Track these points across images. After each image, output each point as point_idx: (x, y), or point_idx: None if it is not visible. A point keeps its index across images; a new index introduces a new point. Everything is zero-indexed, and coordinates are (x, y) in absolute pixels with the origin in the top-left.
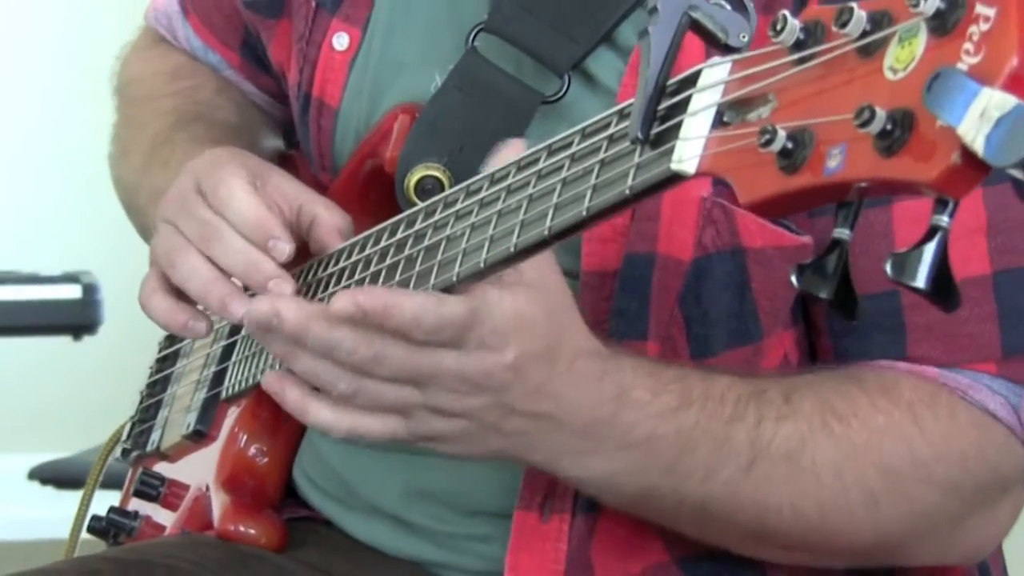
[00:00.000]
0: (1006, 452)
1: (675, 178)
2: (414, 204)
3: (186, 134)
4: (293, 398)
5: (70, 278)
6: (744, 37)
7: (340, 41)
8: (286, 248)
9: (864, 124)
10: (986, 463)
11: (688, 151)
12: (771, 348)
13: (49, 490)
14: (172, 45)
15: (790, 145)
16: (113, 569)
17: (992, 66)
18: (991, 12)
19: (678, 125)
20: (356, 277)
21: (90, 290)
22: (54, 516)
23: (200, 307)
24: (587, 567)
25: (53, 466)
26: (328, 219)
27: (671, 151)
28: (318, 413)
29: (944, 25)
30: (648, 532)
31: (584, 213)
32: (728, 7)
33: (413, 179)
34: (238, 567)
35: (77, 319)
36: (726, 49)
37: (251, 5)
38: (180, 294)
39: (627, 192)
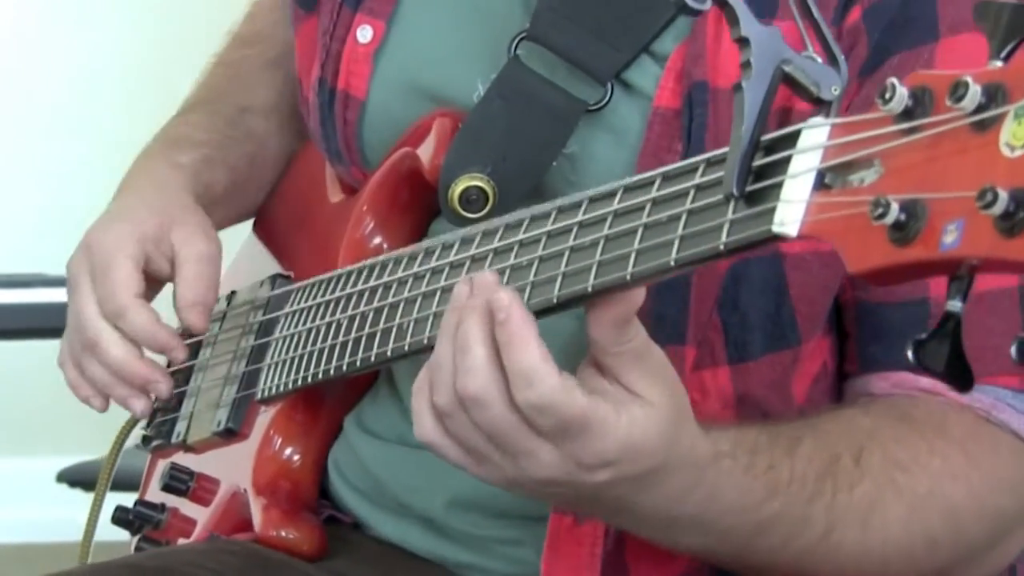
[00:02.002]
0: None
1: (773, 238)
2: (458, 214)
3: (171, 125)
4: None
5: None
6: (836, 90)
7: (364, 34)
8: (180, 356)
9: (987, 206)
10: (1021, 489)
11: (790, 214)
12: (810, 354)
13: (77, 492)
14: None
15: (903, 217)
16: None
17: None
18: None
19: (777, 186)
20: (362, 308)
21: None
22: (82, 518)
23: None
24: (623, 571)
25: (81, 468)
26: (182, 295)
27: (771, 212)
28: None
29: None
30: None
31: (672, 263)
32: (819, 60)
33: (457, 189)
34: (260, 575)
35: None
36: (818, 102)
37: None
38: None
39: (721, 248)
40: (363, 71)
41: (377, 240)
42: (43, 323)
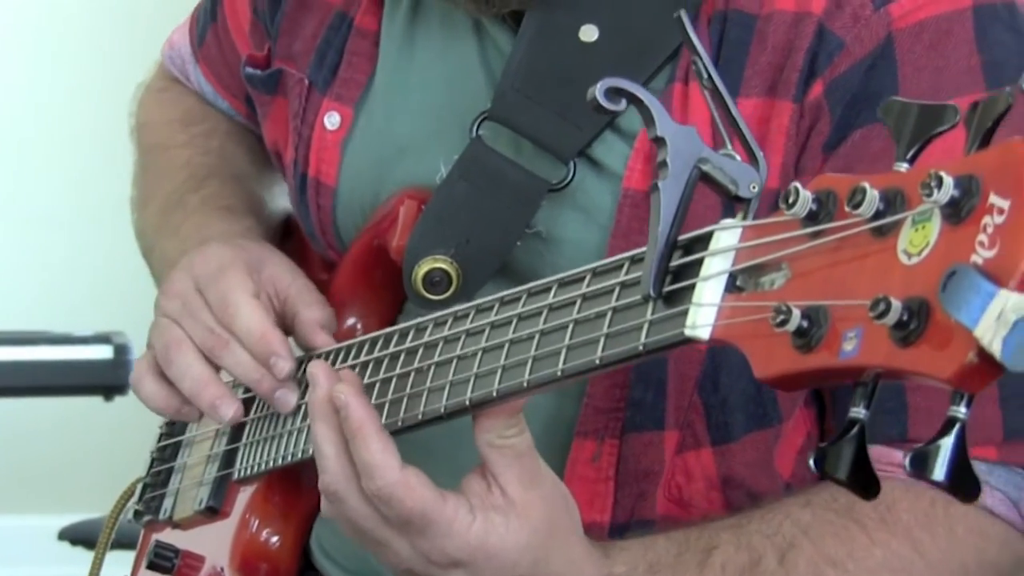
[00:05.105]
0: (1007, 548)
1: (687, 341)
2: (422, 296)
3: (198, 196)
4: None
5: (102, 339)
6: (755, 188)
7: (332, 120)
8: (286, 366)
9: (880, 316)
10: (986, 566)
11: (702, 317)
12: (793, 429)
13: (79, 550)
14: (184, 86)
15: (805, 324)
16: None
17: (1008, 263)
18: (1005, 204)
19: (691, 287)
20: (365, 381)
21: (121, 350)
22: None
23: None
24: None
25: (83, 527)
26: (308, 316)
27: (684, 314)
28: None
29: (958, 213)
30: None
31: (597, 361)
32: (738, 157)
33: (421, 271)
34: None
35: (108, 379)
36: (737, 200)
37: (249, 79)
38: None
39: (640, 348)
40: (332, 158)
41: (350, 321)
42: (45, 381)
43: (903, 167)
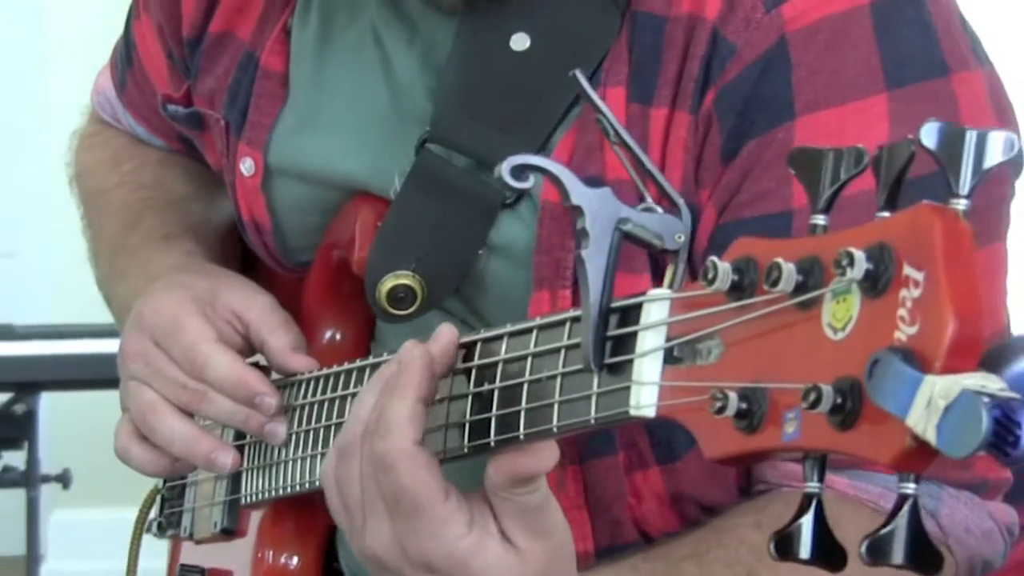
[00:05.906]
0: None
1: (636, 419)
2: (388, 312)
3: (137, 234)
4: None
5: None
6: (680, 238)
7: (246, 166)
8: (273, 402)
9: (813, 405)
10: None
11: (645, 397)
12: None
13: (165, 543)
14: (115, 128)
15: (744, 406)
16: None
17: (930, 343)
18: (920, 277)
19: (629, 362)
20: (335, 420)
21: None
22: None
23: None
24: None
25: None
26: (276, 343)
27: (627, 390)
28: None
29: (875, 286)
30: None
31: (554, 430)
32: (659, 209)
33: (384, 288)
34: None
35: None
36: (664, 252)
37: (172, 116)
38: None
39: (592, 422)
40: (259, 202)
41: (328, 334)
42: None
43: (820, 220)
